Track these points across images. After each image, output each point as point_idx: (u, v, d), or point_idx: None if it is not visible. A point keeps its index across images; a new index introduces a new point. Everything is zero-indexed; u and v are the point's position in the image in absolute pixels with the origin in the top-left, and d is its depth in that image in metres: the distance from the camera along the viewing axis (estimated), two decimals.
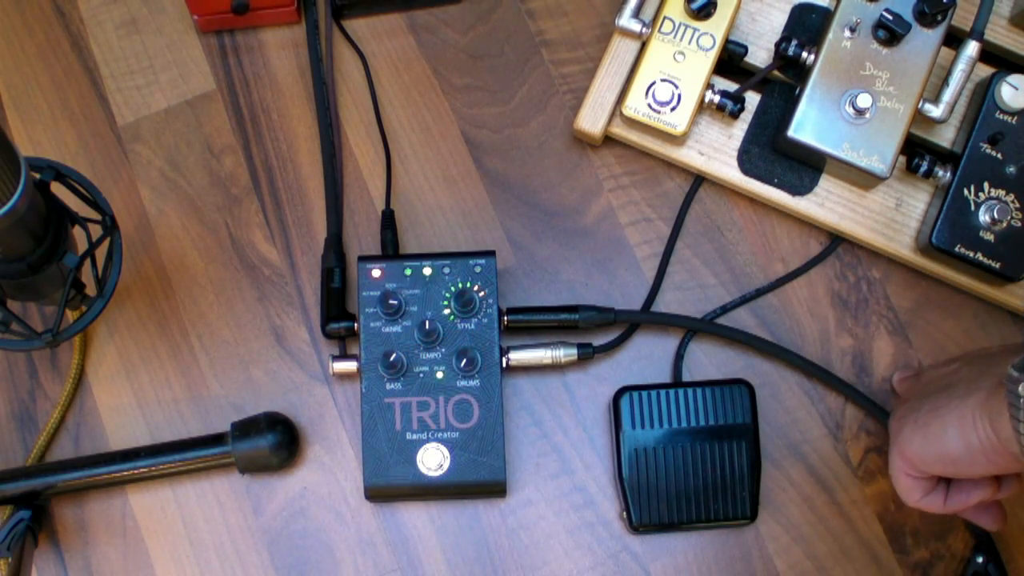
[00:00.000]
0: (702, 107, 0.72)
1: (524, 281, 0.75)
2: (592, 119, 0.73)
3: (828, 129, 0.70)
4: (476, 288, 0.70)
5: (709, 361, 0.74)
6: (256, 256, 0.75)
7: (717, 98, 0.71)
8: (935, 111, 0.70)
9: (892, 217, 0.73)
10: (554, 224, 0.76)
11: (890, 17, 0.68)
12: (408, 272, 0.70)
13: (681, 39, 0.71)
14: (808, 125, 0.70)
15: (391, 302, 0.68)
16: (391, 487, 0.68)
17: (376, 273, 0.70)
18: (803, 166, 0.73)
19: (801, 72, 0.72)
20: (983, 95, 0.70)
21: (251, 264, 0.75)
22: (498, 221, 0.76)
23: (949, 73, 0.70)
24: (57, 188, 0.62)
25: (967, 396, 0.59)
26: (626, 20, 0.72)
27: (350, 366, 0.70)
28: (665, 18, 0.71)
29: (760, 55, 0.74)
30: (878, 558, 0.72)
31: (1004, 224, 0.69)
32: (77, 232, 0.63)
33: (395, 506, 0.72)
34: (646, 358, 0.74)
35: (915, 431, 0.61)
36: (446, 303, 0.69)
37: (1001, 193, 0.70)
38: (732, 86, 0.73)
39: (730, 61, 0.74)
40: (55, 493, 0.70)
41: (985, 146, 0.70)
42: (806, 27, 0.74)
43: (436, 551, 0.71)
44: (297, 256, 0.75)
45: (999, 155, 0.70)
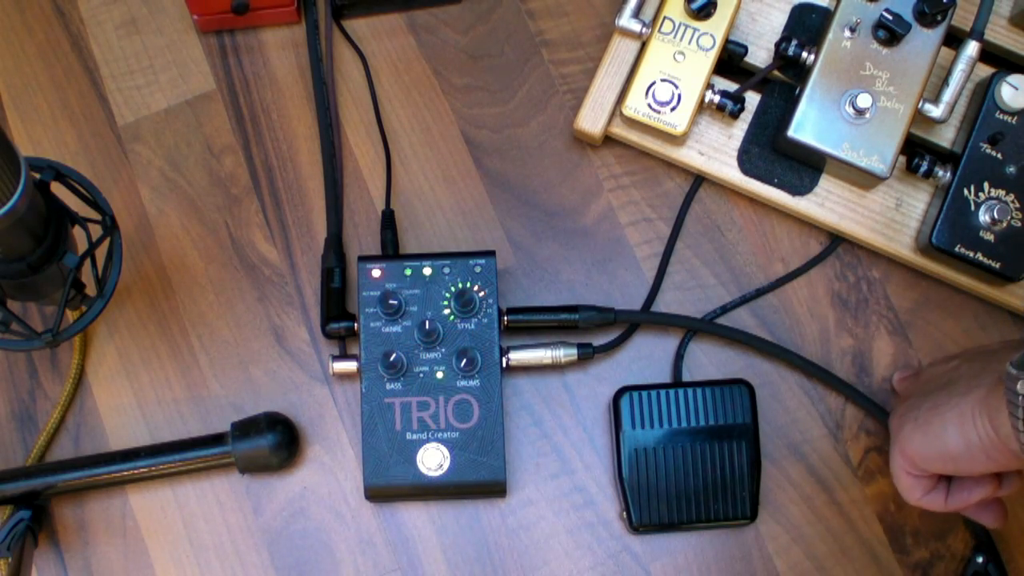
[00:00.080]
0: (702, 107, 0.72)
1: (524, 281, 0.75)
2: (592, 119, 0.73)
3: (828, 129, 0.70)
4: (476, 288, 0.69)
5: (709, 361, 0.74)
6: (256, 256, 0.75)
7: (717, 98, 0.71)
8: (935, 111, 0.70)
9: (892, 217, 0.73)
10: (554, 224, 0.76)
11: (890, 17, 0.68)
12: (408, 272, 0.70)
13: (681, 39, 0.71)
14: (808, 125, 0.70)
15: (391, 302, 0.68)
16: (391, 487, 0.68)
17: (376, 273, 0.70)
18: (803, 166, 0.73)
19: (801, 72, 0.72)
20: (983, 95, 0.70)
21: (251, 264, 0.75)
22: (498, 221, 0.76)
23: (949, 73, 0.70)
24: (57, 188, 0.62)
25: (967, 393, 0.59)
26: (626, 20, 0.72)
27: (350, 366, 0.70)
28: (665, 18, 0.71)
29: (760, 55, 0.74)
30: (878, 558, 0.72)
31: (1004, 224, 0.69)
32: (77, 232, 0.63)
33: (395, 506, 0.72)
34: (646, 358, 0.74)
35: (915, 429, 0.61)
36: (446, 303, 0.69)
37: (1001, 193, 0.70)
38: (732, 86, 0.73)
39: (730, 61, 0.74)
40: (55, 493, 0.70)
41: (985, 146, 0.70)
42: (806, 27, 0.74)
43: (436, 551, 0.71)
44: (297, 256, 0.75)
45: (999, 155, 0.70)
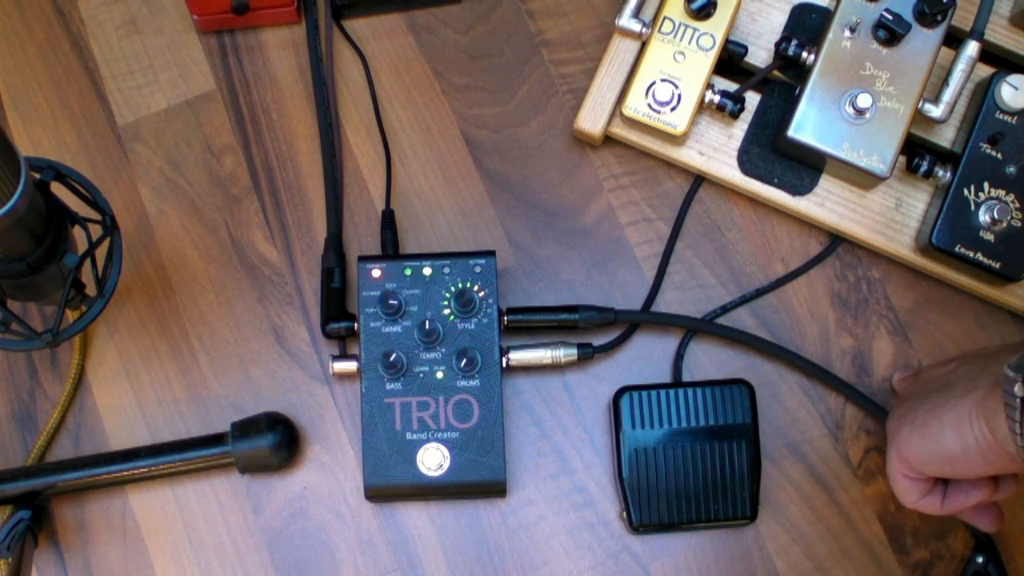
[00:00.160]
0: (702, 107, 0.72)
1: (524, 281, 0.75)
2: (592, 119, 0.73)
3: (828, 129, 0.70)
4: (476, 288, 0.69)
5: (709, 361, 0.74)
6: (256, 256, 0.75)
7: (717, 98, 0.71)
8: (935, 111, 0.70)
9: (892, 217, 0.73)
10: (554, 224, 0.76)
11: (890, 17, 0.68)
12: (408, 272, 0.70)
13: (681, 39, 0.71)
14: (808, 125, 0.70)
15: (391, 302, 0.68)
16: (391, 487, 0.68)
17: (376, 273, 0.70)
18: (803, 166, 0.73)
19: (801, 72, 0.72)
20: (983, 95, 0.70)
21: (251, 264, 0.75)
22: (498, 221, 0.76)
23: (949, 73, 0.70)
24: (57, 188, 0.62)
25: (964, 396, 0.59)
26: (626, 20, 0.72)
27: (350, 366, 0.70)
28: (665, 18, 0.71)
29: (760, 55, 0.74)
30: (878, 558, 0.72)
31: (1004, 224, 0.69)
32: (77, 232, 0.63)
33: (395, 506, 0.72)
34: (646, 358, 0.74)
35: (913, 431, 0.61)
36: (446, 303, 0.69)
37: (1001, 193, 0.70)
38: (732, 86, 0.73)
39: (730, 61, 0.74)
40: (55, 493, 0.70)
41: (985, 146, 0.70)
42: (806, 27, 0.74)
43: (436, 551, 0.71)
44: (297, 256, 0.75)
45: (999, 155, 0.70)
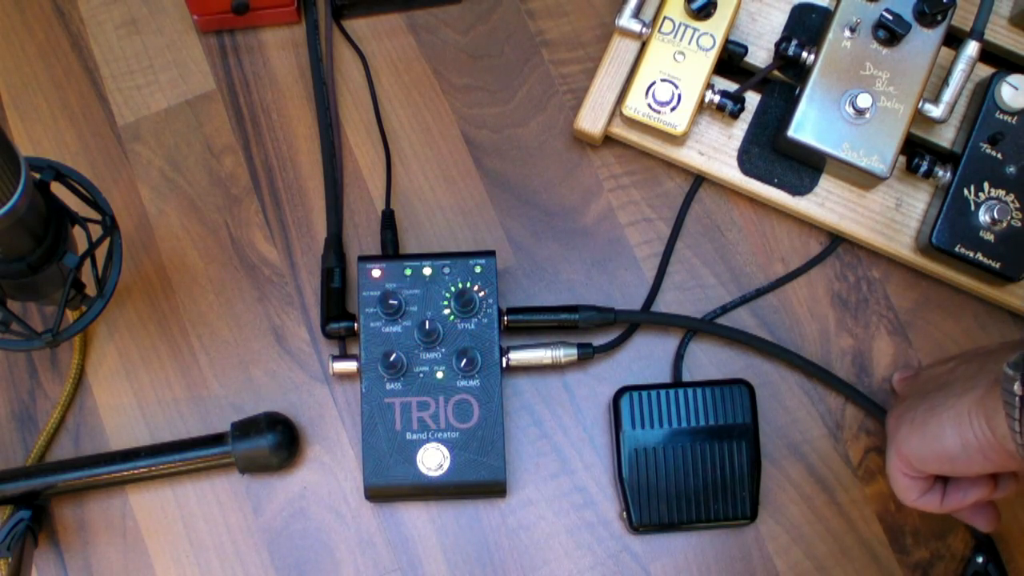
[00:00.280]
0: (702, 107, 0.72)
1: (524, 281, 0.75)
2: (592, 119, 0.73)
3: (828, 129, 0.70)
4: (476, 288, 0.69)
5: (709, 361, 0.74)
6: (256, 256, 0.75)
7: (717, 98, 0.71)
8: (935, 111, 0.70)
9: (892, 217, 0.73)
10: (554, 224, 0.76)
11: (890, 17, 0.68)
12: (408, 272, 0.70)
13: (681, 39, 0.71)
14: (808, 125, 0.70)
15: (391, 302, 0.68)
16: (391, 487, 0.68)
17: (376, 273, 0.70)
18: (803, 166, 0.73)
19: (801, 72, 0.72)
20: (983, 95, 0.70)
21: (251, 264, 0.75)
22: (498, 221, 0.76)
23: (949, 73, 0.70)
24: (57, 188, 0.62)
25: (964, 394, 0.59)
26: (626, 20, 0.72)
27: (350, 366, 0.70)
28: (665, 18, 0.71)
29: (760, 55, 0.74)
30: (878, 558, 0.72)
31: (1004, 224, 0.69)
32: (77, 232, 0.63)
33: (395, 506, 0.72)
34: (646, 358, 0.74)
35: (913, 430, 0.61)
36: (446, 303, 0.69)
37: (1001, 193, 0.70)
38: (732, 86, 0.73)
39: (730, 61, 0.74)
40: (55, 493, 0.70)
41: (985, 146, 0.70)
42: (806, 27, 0.74)
43: (436, 551, 0.71)
44: (297, 256, 0.75)
45: (999, 155, 0.70)
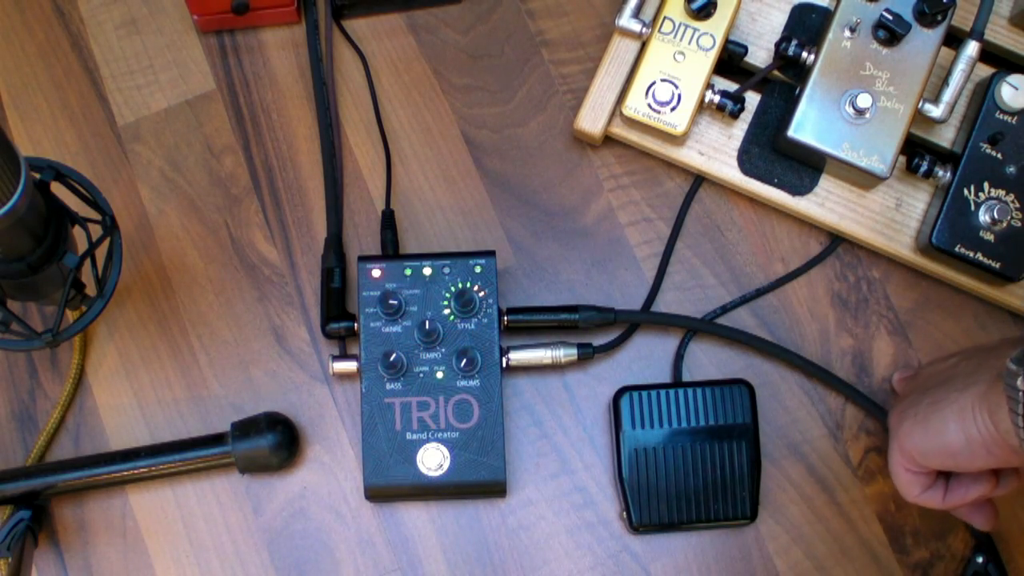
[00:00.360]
0: (702, 107, 0.72)
1: (524, 281, 0.75)
2: (592, 119, 0.73)
3: (828, 129, 0.70)
4: (476, 288, 0.69)
5: (709, 361, 0.74)
6: (256, 256, 0.75)
7: (717, 98, 0.71)
8: (935, 111, 0.70)
9: (892, 217, 0.73)
10: (554, 224, 0.76)
11: (890, 17, 0.68)
12: (408, 272, 0.70)
13: (681, 39, 0.71)
14: (808, 125, 0.70)
15: (391, 302, 0.68)
16: (391, 487, 0.68)
17: (376, 273, 0.70)
18: (803, 166, 0.73)
19: (801, 72, 0.72)
20: (983, 95, 0.70)
21: (251, 264, 0.75)
22: (498, 221, 0.76)
23: (949, 73, 0.70)
24: (57, 188, 0.62)
25: (966, 389, 0.59)
26: (626, 20, 0.72)
27: (350, 366, 0.70)
28: (665, 18, 0.71)
29: (760, 55, 0.74)
30: (878, 558, 0.72)
31: (1004, 224, 0.69)
32: (77, 232, 0.63)
33: (395, 506, 0.72)
34: (646, 358, 0.74)
35: (915, 425, 0.61)
36: (446, 303, 0.69)
37: (1001, 193, 0.70)
38: (732, 86, 0.73)
39: (730, 61, 0.74)
40: (55, 493, 0.70)
41: (985, 146, 0.70)
42: (806, 27, 0.74)
43: (436, 551, 0.71)
44: (297, 256, 0.75)
45: (999, 155, 0.70)
